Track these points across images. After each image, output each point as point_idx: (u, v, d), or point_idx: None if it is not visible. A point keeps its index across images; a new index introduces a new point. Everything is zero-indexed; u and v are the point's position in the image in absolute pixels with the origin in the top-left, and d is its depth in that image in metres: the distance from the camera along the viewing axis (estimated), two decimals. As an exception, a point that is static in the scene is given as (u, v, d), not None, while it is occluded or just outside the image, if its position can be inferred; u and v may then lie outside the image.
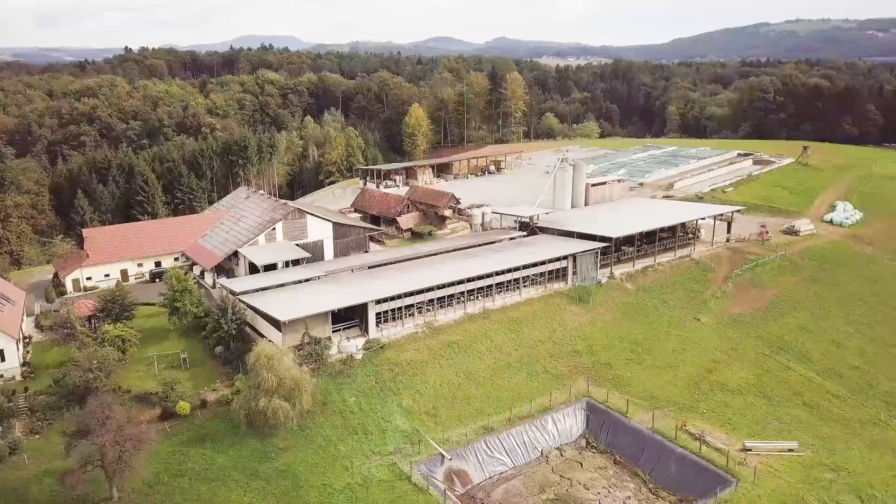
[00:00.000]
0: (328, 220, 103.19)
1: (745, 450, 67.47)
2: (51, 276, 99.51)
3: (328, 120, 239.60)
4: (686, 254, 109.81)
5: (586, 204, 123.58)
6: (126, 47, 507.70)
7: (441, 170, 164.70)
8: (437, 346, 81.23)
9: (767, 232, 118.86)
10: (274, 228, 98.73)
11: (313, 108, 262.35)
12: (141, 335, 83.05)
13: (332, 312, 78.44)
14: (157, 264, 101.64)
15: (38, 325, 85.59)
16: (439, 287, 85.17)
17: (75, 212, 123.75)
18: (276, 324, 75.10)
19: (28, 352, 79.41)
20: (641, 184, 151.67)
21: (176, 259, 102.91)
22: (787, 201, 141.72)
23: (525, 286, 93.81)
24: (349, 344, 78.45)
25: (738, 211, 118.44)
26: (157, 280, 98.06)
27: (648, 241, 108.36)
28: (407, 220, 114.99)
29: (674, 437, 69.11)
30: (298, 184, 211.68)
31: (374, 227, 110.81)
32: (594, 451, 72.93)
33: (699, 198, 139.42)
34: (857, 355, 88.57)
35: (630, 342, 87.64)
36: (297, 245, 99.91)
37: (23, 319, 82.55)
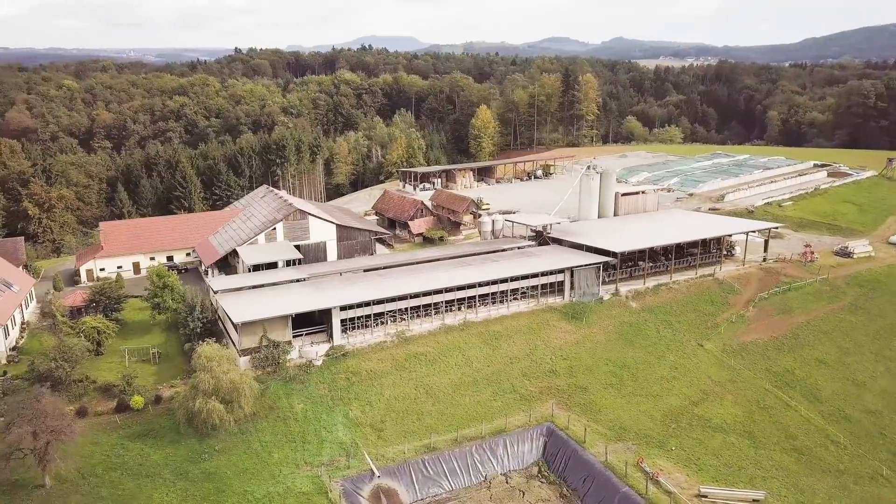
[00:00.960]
0: (331, 222, 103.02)
1: (700, 496, 61.04)
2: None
3: (397, 121, 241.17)
4: (710, 272, 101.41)
5: (615, 214, 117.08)
6: (236, 48, 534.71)
7: (483, 173, 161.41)
8: (402, 357, 79.00)
9: (813, 252, 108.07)
10: (274, 229, 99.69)
11: (387, 108, 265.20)
12: (127, 328, 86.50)
13: (294, 316, 77.68)
14: (170, 258, 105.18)
15: (42, 313, 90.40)
16: (413, 296, 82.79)
17: (114, 204, 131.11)
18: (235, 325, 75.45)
19: (22, 337, 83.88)
20: (691, 194, 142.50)
21: (188, 254, 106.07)
22: (852, 219, 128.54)
23: (514, 299, 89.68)
24: (311, 349, 77.62)
25: (775, 228, 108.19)
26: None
27: (673, 256, 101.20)
28: (419, 225, 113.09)
29: (625, 473, 63.56)
30: (361, 183, 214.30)
31: (381, 230, 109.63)
32: (544, 480, 68.35)
33: (749, 212, 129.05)
34: (877, 398, 78.50)
35: (616, 366, 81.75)
36: (299, 246, 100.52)
37: (25, 306, 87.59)
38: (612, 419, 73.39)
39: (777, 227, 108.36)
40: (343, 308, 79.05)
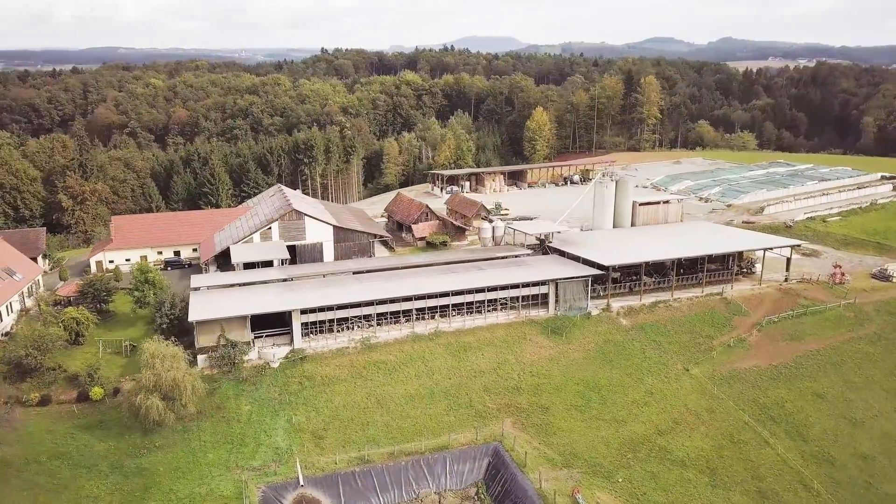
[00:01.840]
0: (328, 224, 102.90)
1: (628, 535, 56.37)
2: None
3: (452, 122, 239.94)
4: (717, 291, 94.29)
5: (632, 224, 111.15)
6: (322, 48, 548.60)
7: (516, 177, 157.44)
8: (361, 364, 77.60)
9: (843, 274, 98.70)
10: (270, 228, 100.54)
11: (446, 109, 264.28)
12: (114, 320, 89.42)
13: (257, 317, 77.84)
14: (177, 253, 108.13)
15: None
16: (380, 302, 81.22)
17: (145, 198, 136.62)
18: (198, 323, 76.29)
19: (18, 323, 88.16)
20: (729, 205, 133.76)
21: (194, 250, 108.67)
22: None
23: (493, 310, 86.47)
24: (270, 351, 77.57)
25: (798, 245, 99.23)
26: (170, 268, 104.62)
27: (674, 272, 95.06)
28: (422, 229, 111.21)
29: (553, 503, 59.64)
30: (411, 184, 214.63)
31: (381, 232, 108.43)
32: (479, 503, 65.17)
33: (787, 227, 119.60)
34: (874, 440, 70.39)
35: (587, 386, 77.14)
36: (294, 246, 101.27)
37: (28, 294, 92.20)
38: (565, 443, 69.21)
39: (800, 244, 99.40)
40: (304, 311, 78.46)
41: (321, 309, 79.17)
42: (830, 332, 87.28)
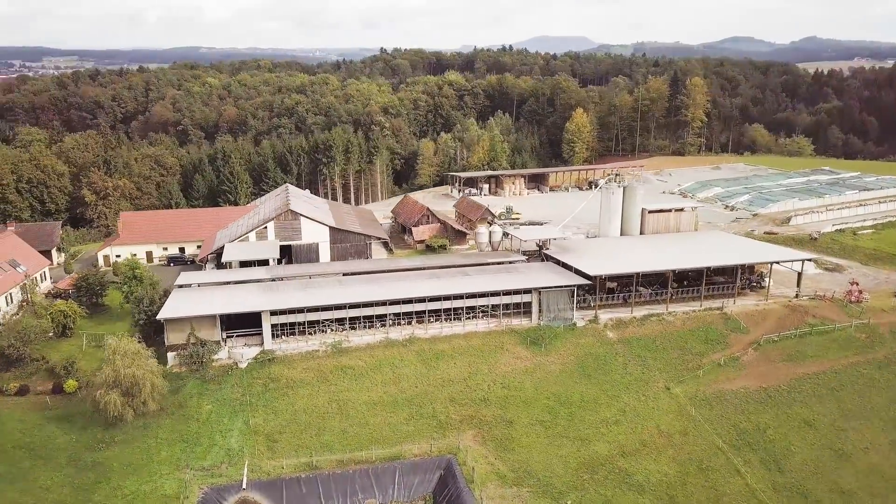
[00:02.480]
0: (324, 224, 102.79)
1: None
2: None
3: (491, 123, 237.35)
4: (718, 305, 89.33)
5: (641, 233, 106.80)
6: (382, 48, 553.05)
7: (539, 181, 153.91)
8: (329, 369, 76.83)
9: (861, 291, 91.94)
10: (265, 227, 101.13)
11: (488, 110, 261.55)
12: (106, 314, 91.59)
13: (230, 317, 78.26)
14: (182, 250, 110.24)
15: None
16: (352, 306, 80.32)
17: (165, 195, 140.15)
18: (171, 320, 77.16)
19: (17, 314, 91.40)
20: (755, 214, 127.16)
21: (198, 247, 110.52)
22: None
23: (473, 317, 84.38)
24: (240, 351, 77.80)
25: (808, 259, 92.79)
26: (172, 264, 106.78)
27: (686, 284, 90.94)
28: (422, 232, 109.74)
29: (492, 524, 57.37)
30: (446, 184, 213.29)
31: (378, 234, 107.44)
32: (424, 517, 63.44)
33: (812, 239, 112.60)
34: (859, 475, 64.99)
35: (558, 401, 74.14)
36: (290, 246, 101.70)
37: (31, 285, 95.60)
38: (522, 460, 66.66)
39: (811, 259, 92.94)
40: (274, 313, 78.31)
41: (291, 311, 78.84)
42: (835, 354, 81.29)
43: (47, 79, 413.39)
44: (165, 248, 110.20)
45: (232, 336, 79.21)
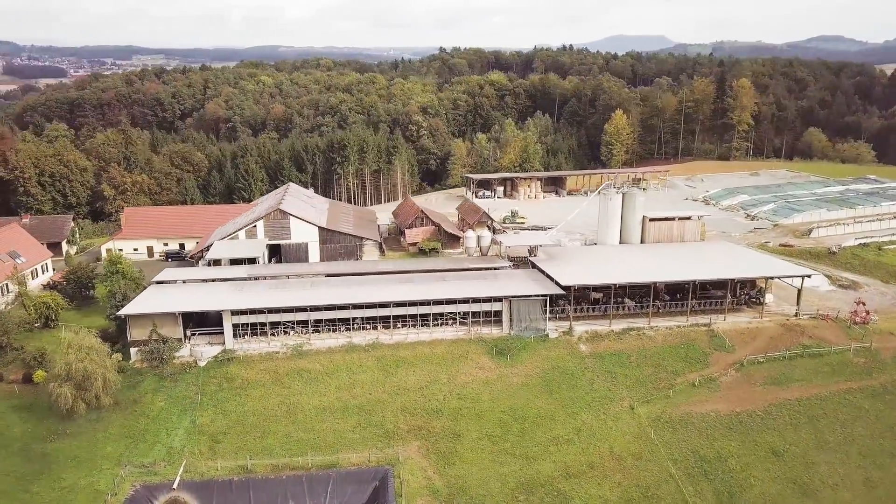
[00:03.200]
0: (314, 225, 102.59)
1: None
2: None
3: (529, 123, 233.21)
4: (706, 321, 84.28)
5: (642, 241, 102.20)
6: (440, 47, 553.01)
7: (557, 184, 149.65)
8: (285, 371, 76.27)
9: (868, 312, 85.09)
10: (255, 226, 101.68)
11: (529, 110, 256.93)
12: (94, 306, 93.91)
13: (194, 315, 78.88)
14: (181, 246, 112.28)
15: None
16: (314, 309, 79.58)
17: (183, 191, 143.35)
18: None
19: (12, 303, 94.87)
20: (776, 225, 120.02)
21: (198, 242, 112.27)
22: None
23: (442, 324, 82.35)
24: (202, 350, 78.19)
25: (808, 276, 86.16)
26: (170, 260, 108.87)
27: (679, 297, 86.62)
28: (414, 234, 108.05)
29: (406, 542, 55.44)
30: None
31: (368, 236, 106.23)
32: (350, 529, 61.94)
33: (831, 253, 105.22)
34: (821, 514, 59.54)
35: (513, 416, 71.28)
36: (279, 245, 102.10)
37: (32, 277, 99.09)
38: (460, 475, 64.38)
39: (810, 275, 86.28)
40: (235, 313, 78.36)
41: (252, 311, 78.74)
42: (824, 379, 75.29)
43: (117, 76, 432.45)
44: (166, 244, 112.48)
45: (195, 334, 79.78)
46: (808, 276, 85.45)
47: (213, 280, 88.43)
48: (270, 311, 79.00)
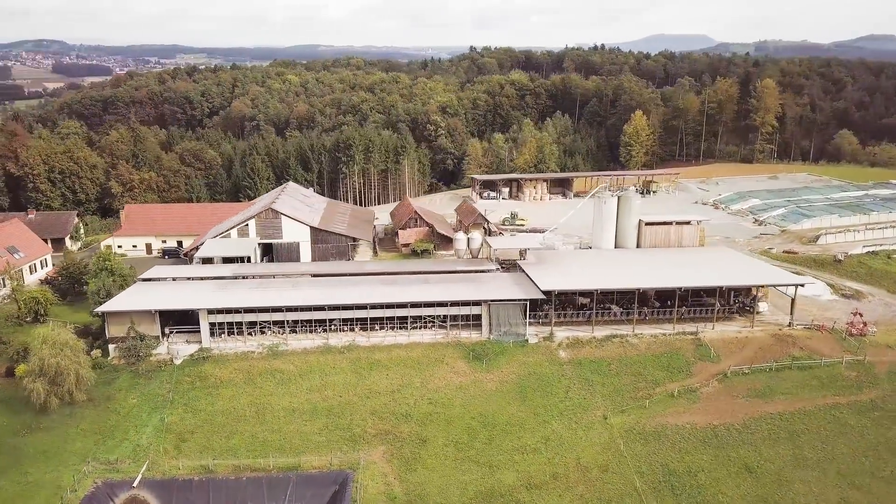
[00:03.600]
0: (305, 224, 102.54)
1: None
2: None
3: (548, 124, 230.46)
4: (693, 330, 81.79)
5: (638, 246, 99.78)
6: (471, 47, 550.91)
7: (564, 185, 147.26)
8: (259, 371, 76.12)
9: (865, 324, 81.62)
10: (247, 225, 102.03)
11: (549, 110, 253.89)
12: (86, 302, 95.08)
13: (179, 313, 79.42)
14: (179, 243, 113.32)
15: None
16: (289, 309, 79.34)
17: (184, 189, 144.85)
18: (116, 313, 79.04)
19: (8, 297, 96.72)
20: (784, 230, 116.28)
21: (195, 240, 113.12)
22: None
23: (421, 327, 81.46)
24: (178, 348, 78.53)
25: (801, 285, 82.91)
26: (166, 257, 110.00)
27: (669, 304, 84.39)
28: (408, 235, 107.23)
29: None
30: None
31: (360, 236, 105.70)
32: (306, 533, 61.38)
33: (836, 261, 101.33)
34: (787, 535, 56.97)
35: (482, 422, 70.00)
36: (271, 244, 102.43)
37: (31, 271, 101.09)
38: (420, 482, 63.41)
39: (803, 284, 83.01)
40: (212, 311, 78.52)
41: (229, 311, 78.81)
42: (811, 393, 72.32)
43: (151, 74, 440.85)
44: (164, 241, 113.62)
45: (174, 332, 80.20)
46: (802, 286, 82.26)
47: (202, 278, 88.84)
48: (247, 310, 78.99)
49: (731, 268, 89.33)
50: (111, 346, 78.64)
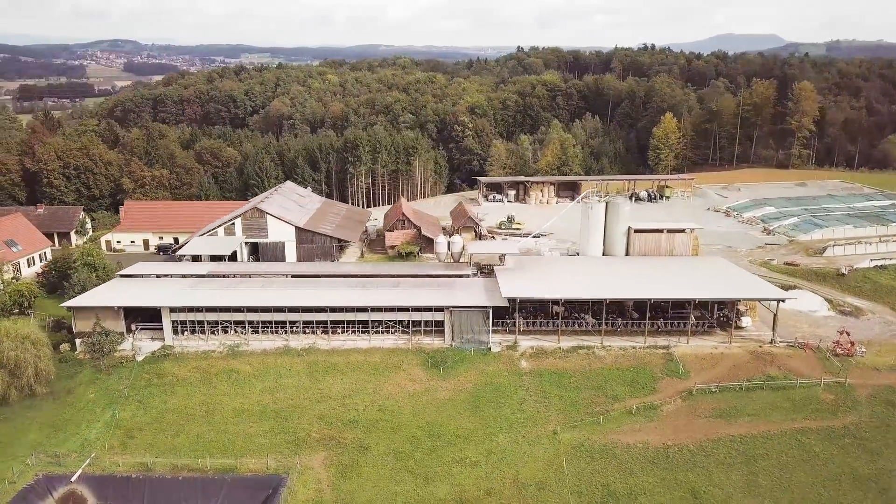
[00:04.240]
0: (290, 224, 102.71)
1: None
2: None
3: (577, 125, 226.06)
4: (665, 343, 78.23)
5: (627, 253, 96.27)
6: (518, 47, 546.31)
7: (574, 189, 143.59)
8: (215, 370, 76.35)
9: (853, 343, 76.56)
10: (233, 224, 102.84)
11: (581, 111, 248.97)
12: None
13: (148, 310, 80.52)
14: (176, 240, 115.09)
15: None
16: (250, 310, 79.30)
17: (196, 187, 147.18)
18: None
19: (4, 289, 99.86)
20: (791, 241, 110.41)
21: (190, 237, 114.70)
22: None
23: (384, 332, 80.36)
24: (143, 344, 79.54)
25: (783, 301, 78.07)
26: (162, 253, 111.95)
27: (653, 315, 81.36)
28: (394, 237, 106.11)
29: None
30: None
31: (344, 238, 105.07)
32: (232, 536, 60.96)
33: (840, 275, 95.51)
34: (720, 568, 53.44)
35: (428, 432, 68.32)
36: (257, 243, 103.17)
37: (29, 265, 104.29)
38: (352, 491, 62.22)
39: (784, 300, 78.12)
40: (174, 310, 79.14)
41: (191, 309, 79.31)
42: (780, 415, 68.00)
43: (201, 74, 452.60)
44: (161, 238, 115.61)
45: (139, 328, 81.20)
46: (782, 301, 77.52)
47: (183, 276, 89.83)
48: (208, 310, 79.34)
49: (714, 279, 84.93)
50: (78, 341, 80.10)
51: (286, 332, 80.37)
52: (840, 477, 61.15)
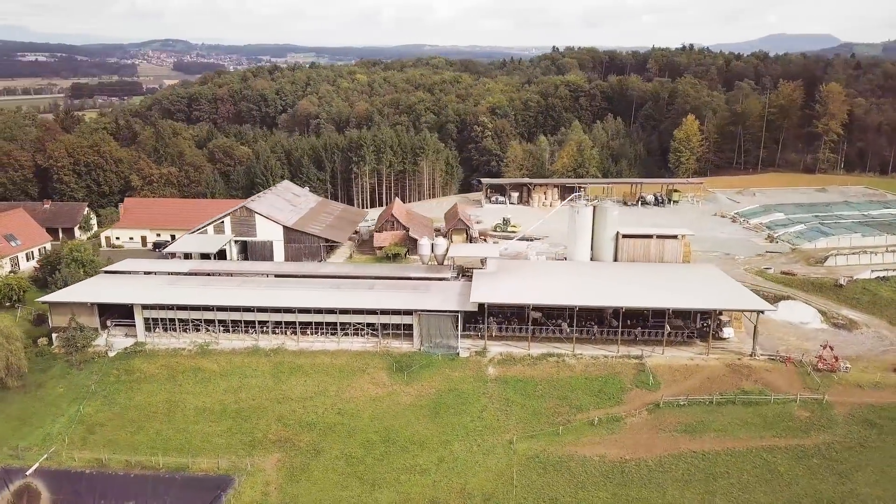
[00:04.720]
0: (278, 224, 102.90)
1: None
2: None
3: (598, 127, 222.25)
4: (638, 353, 75.82)
5: (616, 259, 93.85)
6: (553, 47, 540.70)
7: (574, 191, 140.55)
8: (183, 368, 76.73)
9: (836, 359, 73.10)
10: (222, 222, 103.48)
11: (604, 112, 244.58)
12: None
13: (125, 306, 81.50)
14: (173, 237, 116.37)
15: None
16: (219, 309, 79.48)
17: (204, 185, 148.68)
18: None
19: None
20: (794, 249, 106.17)
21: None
22: None
23: (352, 334, 79.74)
24: (116, 341, 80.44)
25: (762, 312, 74.69)
26: (157, 250, 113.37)
27: (631, 323, 79.42)
28: (383, 238, 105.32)
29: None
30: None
31: (332, 238, 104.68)
32: (176, 536, 60.97)
33: (837, 285, 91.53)
34: (657, 591, 51.18)
35: (383, 438, 67.41)
36: (246, 242, 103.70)
37: (28, 259, 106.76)
38: (298, 494, 61.80)
39: (764, 311, 74.71)
40: (147, 307, 79.79)
41: (162, 307, 79.84)
42: (749, 432, 65.11)
43: (237, 73, 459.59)
44: (158, 235, 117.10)
45: (113, 325, 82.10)
46: (762, 312, 74.25)
47: (169, 273, 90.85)
48: (179, 307, 79.76)
49: (698, 288, 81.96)
50: (54, 336, 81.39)
51: (256, 332, 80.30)
52: (802, 499, 58.14)
